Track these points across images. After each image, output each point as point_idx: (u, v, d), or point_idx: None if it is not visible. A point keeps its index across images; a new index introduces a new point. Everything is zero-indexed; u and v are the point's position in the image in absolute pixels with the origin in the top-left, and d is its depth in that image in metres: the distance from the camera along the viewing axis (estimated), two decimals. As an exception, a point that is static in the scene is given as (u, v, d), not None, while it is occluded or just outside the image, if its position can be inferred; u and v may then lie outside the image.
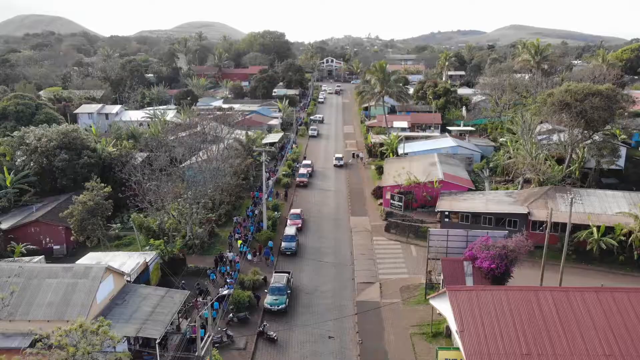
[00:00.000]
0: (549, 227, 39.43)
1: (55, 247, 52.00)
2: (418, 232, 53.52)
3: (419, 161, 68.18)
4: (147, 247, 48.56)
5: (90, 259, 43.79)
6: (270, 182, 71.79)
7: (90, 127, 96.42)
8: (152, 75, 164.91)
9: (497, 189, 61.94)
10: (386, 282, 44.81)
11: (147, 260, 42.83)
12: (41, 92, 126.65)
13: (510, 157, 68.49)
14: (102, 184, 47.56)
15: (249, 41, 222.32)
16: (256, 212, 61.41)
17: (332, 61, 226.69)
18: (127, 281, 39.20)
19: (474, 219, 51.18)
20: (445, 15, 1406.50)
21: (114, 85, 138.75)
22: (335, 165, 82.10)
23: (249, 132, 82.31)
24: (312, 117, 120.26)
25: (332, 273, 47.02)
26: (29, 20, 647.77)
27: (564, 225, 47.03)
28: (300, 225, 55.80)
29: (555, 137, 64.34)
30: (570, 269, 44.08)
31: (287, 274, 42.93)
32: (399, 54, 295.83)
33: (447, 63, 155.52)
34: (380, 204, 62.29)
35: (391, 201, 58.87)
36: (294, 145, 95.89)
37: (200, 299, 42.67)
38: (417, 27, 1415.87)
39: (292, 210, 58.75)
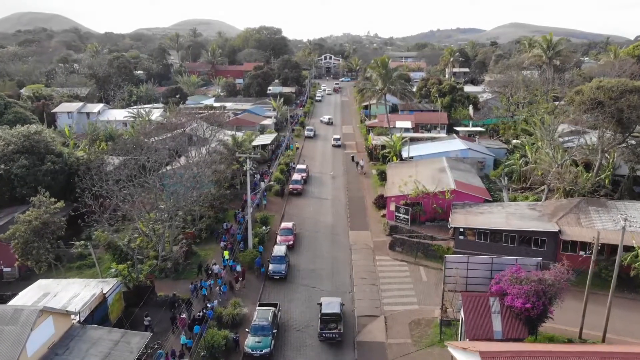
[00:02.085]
0: (595, 251, 32.13)
1: (5, 269, 44.67)
2: (428, 251, 46.34)
3: (425, 166, 60.92)
4: (113, 271, 41.44)
5: (38, 287, 36.62)
6: (263, 184, 64.88)
7: (71, 127, 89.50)
8: (141, 72, 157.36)
9: (515, 198, 54.74)
10: (392, 316, 37.53)
11: (104, 292, 35.52)
12: (22, 90, 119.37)
13: (527, 162, 61.37)
14: (52, 199, 40.19)
15: (244, 37, 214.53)
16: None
17: (330, 58, 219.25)
18: (77, 322, 31.96)
19: (493, 237, 43.93)
20: (444, 13, 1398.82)
21: (100, 83, 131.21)
22: (333, 146, 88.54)
23: (238, 134, 75.13)
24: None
25: (327, 303, 39.66)
26: (27, 17, 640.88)
27: (600, 245, 40.04)
28: (292, 242, 48.52)
29: (580, 140, 57.17)
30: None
31: (273, 308, 35.61)
32: (398, 52, 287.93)
33: (451, 59, 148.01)
34: (383, 216, 55.07)
35: (396, 214, 51.59)
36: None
37: (184, 314, 36.29)
38: (416, 25, 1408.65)
39: (283, 224, 51.39)
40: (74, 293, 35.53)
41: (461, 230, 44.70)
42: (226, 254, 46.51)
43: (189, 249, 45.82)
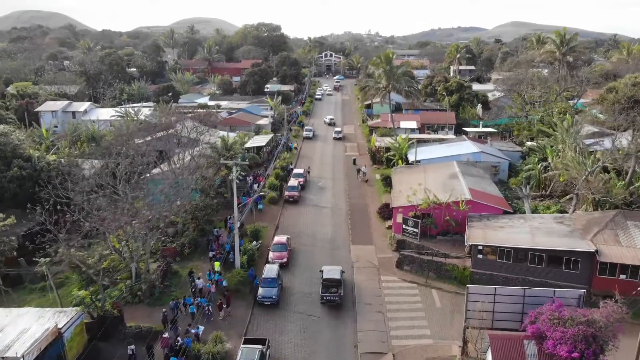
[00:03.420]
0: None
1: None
2: (441, 271, 40.55)
3: (435, 172, 55.23)
4: (79, 294, 35.90)
5: (-17, 319, 31.02)
6: (256, 187, 59.62)
7: (53, 127, 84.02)
8: (134, 69, 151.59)
9: (535, 208, 48.94)
10: (402, 353, 31.77)
11: (59, 326, 29.80)
12: (9, 88, 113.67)
13: (547, 167, 55.64)
14: (1, 215, 34.46)
15: (242, 34, 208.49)
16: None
17: (331, 55, 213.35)
18: (20, 366, 26.30)
19: (516, 256, 38.15)
20: (445, 12, 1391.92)
21: (91, 81, 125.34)
22: (334, 138, 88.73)
23: (231, 134, 69.46)
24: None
25: (325, 336, 33.90)
26: (26, 16, 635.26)
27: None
28: (286, 260, 42.76)
29: (607, 143, 51.49)
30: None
31: (261, 346, 29.84)
32: (400, 50, 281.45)
33: (457, 55, 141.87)
34: (389, 228, 49.35)
35: (404, 226, 45.78)
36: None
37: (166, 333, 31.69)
38: (417, 24, 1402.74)
39: (276, 238, 45.50)
40: (24, 327, 29.94)
41: (480, 248, 38.93)
42: (217, 264, 41.27)
43: (167, 269, 40.12)
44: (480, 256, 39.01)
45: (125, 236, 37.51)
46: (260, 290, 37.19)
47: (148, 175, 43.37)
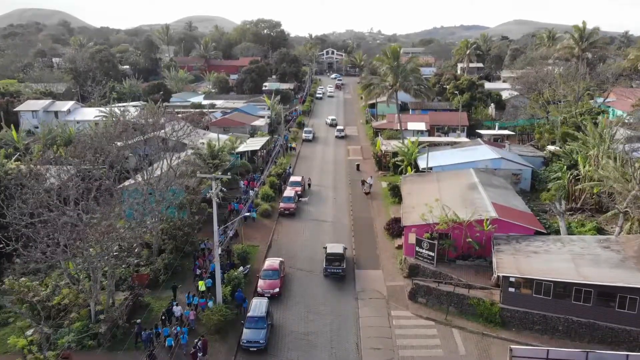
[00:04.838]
0: None
1: None
2: (463, 305, 33.85)
3: (450, 181, 48.55)
4: (28, 332, 29.52)
5: None
6: (252, 193, 53.32)
7: (36, 127, 77.60)
8: (127, 67, 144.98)
9: (569, 225, 42.14)
10: (421, 422, 25.14)
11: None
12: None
13: (577, 177, 48.89)
14: None
15: (240, 31, 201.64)
16: (230, 233, 43.39)
17: (332, 53, 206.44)
18: None
19: (556, 290, 31.31)
20: (447, 10, 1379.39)
21: (79, 79, 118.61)
22: (336, 137, 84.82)
23: (222, 137, 62.88)
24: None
25: (324, 395, 27.33)
26: (28, 14, 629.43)
27: None
28: (278, 290, 36.06)
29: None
30: None
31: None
32: (403, 47, 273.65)
33: (467, 52, 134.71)
34: (399, 247, 42.70)
35: (417, 249, 38.95)
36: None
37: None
38: (420, 22, 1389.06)
39: (267, 263, 38.63)
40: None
41: (512, 280, 32.19)
42: (201, 284, 35.36)
43: (136, 302, 33.47)
44: (511, 289, 32.28)
45: (81, 266, 31.04)
46: (245, 333, 30.51)
47: (115, 188, 36.58)
